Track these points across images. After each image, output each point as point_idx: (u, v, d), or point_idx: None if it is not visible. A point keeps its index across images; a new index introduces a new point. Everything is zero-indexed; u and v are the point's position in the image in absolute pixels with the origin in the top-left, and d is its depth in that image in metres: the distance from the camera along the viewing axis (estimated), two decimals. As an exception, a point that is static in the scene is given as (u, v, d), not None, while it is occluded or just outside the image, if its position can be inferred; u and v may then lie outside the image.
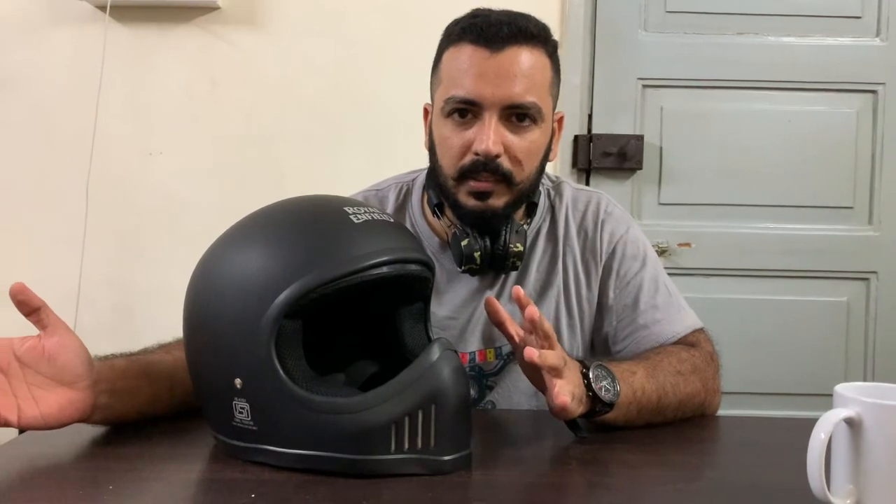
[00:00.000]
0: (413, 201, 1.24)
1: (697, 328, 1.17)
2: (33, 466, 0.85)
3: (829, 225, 2.11)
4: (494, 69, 1.05)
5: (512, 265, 1.14)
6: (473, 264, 1.12)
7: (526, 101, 1.06)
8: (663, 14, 2.11)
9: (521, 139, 1.07)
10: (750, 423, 1.15)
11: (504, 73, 1.05)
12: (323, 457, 0.79)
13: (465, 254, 1.11)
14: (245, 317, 0.79)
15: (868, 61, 2.10)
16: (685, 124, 2.11)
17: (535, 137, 1.09)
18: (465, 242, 1.11)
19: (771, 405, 2.08)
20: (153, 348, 1.04)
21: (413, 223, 1.22)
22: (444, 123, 1.09)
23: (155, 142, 2.06)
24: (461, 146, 1.08)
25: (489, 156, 1.05)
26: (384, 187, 1.27)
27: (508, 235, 1.12)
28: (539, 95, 1.07)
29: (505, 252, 1.12)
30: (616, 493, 0.81)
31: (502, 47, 1.05)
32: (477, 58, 1.05)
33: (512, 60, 1.05)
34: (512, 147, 1.07)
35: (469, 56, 1.06)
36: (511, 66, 1.05)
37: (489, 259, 1.12)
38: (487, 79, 1.05)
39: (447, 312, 1.18)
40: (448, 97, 1.07)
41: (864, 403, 0.68)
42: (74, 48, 2.05)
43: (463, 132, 1.07)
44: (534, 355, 0.84)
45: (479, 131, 1.06)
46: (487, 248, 1.11)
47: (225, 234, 0.89)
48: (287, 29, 2.06)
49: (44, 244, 2.07)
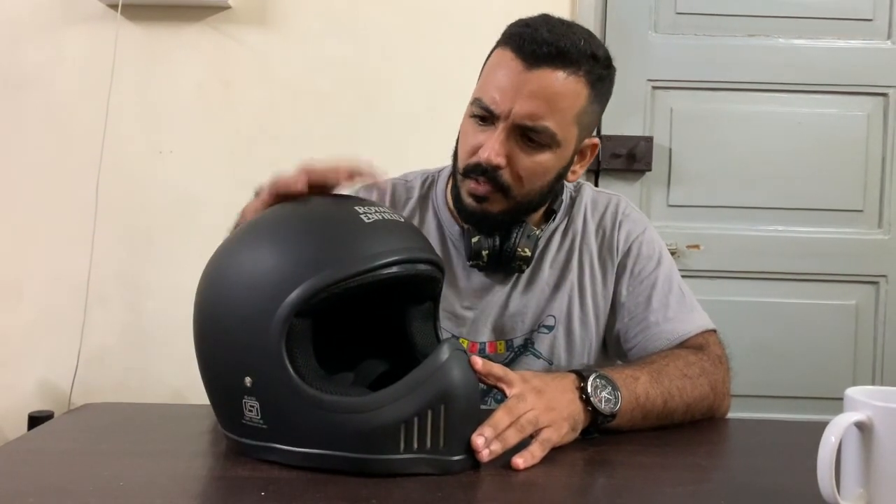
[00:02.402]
0: (437, 190, 1.26)
1: (709, 329, 1.18)
2: (43, 462, 0.86)
3: (838, 228, 2.11)
4: (520, 85, 1.05)
5: (518, 268, 1.17)
6: (480, 261, 1.15)
7: (538, 125, 1.06)
8: (673, 15, 2.11)
9: (527, 157, 1.08)
10: (759, 426, 1.15)
11: (528, 91, 1.05)
12: (332, 456, 0.79)
13: (474, 250, 1.14)
14: (255, 315, 0.80)
15: (879, 64, 2.09)
16: (695, 126, 2.10)
17: (543, 160, 1.09)
18: (476, 239, 1.14)
19: (779, 408, 2.07)
20: None
21: (436, 210, 1.25)
22: (468, 120, 1.12)
23: (166, 140, 2.07)
24: (473, 147, 1.10)
25: (489, 165, 1.07)
26: (412, 178, 1.30)
27: (518, 239, 1.14)
28: (558, 122, 1.07)
29: (512, 254, 1.14)
30: (624, 494, 0.81)
31: (536, 65, 1.04)
32: (511, 69, 1.06)
33: (540, 81, 1.05)
34: (516, 163, 1.08)
35: (506, 64, 1.07)
36: (536, 87, 1.05)
37: (496, 259, 1.15)
38: (510, 93, 1.05)
39: (464, 302, 1.20)
40: (475, 98, 1.10)
41: (875, 407, 0.68)
42: (86, 47, 2.06)
43: (478, 134, 1.09)
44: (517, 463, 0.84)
45: (487, 138, 1.07)
46: (496, 248, 1.14)
47: (236, 232, 0.90)
48: (298, 28, 2.06)
49: (54, 241, 2.08)
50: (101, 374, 2.05)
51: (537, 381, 0.92)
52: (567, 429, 0.90)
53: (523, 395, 0.88)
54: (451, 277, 1.20)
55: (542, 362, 1.20)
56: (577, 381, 0.94)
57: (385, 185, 1.26)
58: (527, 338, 1.21)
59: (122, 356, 2.08)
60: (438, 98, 2.01)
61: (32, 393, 2.07)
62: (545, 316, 1.20)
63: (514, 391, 0.89)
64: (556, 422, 0.89)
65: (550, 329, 1.20)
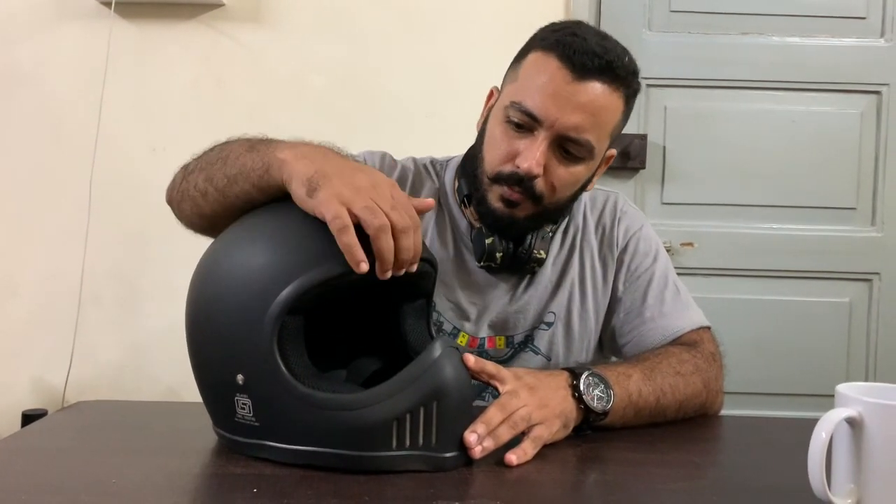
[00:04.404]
0: (447, 182, 1.24)
1: (703, 326, 1.18)
2: (35, 460, 0.85)
3: (832, 225, 2.11)
4: (568, 95, 1.03)
5: (530, 269, 1.17)
6: (493, 263, 1.13)
7: (582, 137, 1.05)
8: (667, 13, 2.11)
9: (563, 169, 1.07)
10: (751, 423, 1.15)
11: (576, 103, 1.03)
12: (324, 453, 0.79)
13: (488, 251, 1.12)
14: (248, 313, 0.79)
15: (872, 62, 2.10)
16: (689, 124, 2.11)
17: (577, 171, 1.09)
18: (491, 241, 1.12)
19: (772, 405, 2.08)
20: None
21: (447, 202, 1.22)
22: (501, 124, 1.09)
23: (159, 138, 2.06)
24: (507, 153, 1.07)
25: (529, 175, 1.05)
26: (420, 163, 1.26)
27: (534, 240, 1.13)
28: (597, 136, 1.07)
29: (528, 256, 1.13)
30: (617, 491, 0.81)
31: (586, 77, 1.03)
32: (559, 77, 1.04)
33: (588, 94, 1.04)
34: (552, 173, 1.07)
35: (552, 71, 1.04)
36: (585, 99, 1.03)
37: (510, 261, 1.14)
38: (558, 102, 1.03)
39: (468, 297, 1.19)
40: (515, 101, 1.06)
41: (865, 403, 0.68)
42: (79, 44, 2.05)
43: (513, 141, 1.07)
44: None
45: (527, 147, 1.05)
46: (510, 250, 1.13)
47: (228, 230, 0.90)
48: (292, 26, 2.06)
49: (47, 240, 2.07)
50: (94, 372, 2.05)
51: (530, 378, 0.92)
52: (559, 426, 0.90)
53: (516, 391, 0.89)
54: (460, 271, 1.19)
55: (541, 358, 1.20)
56: (570, 379, 0.94)
57: (408, 162, 1.25)
58: (527, 334, 1.21)
59: (115, 354, 2.08)
60: (433, 96, 2.01)
61: (26, 391, 2.07)
62: (546, 313, 1.20)
63: (507, 388, 0.89)
64: (547, 419, 0.89)
65: (550, 325, 1.20)
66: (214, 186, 0.93)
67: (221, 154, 0.94)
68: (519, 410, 0.87)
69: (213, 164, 0.94)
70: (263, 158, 0.87)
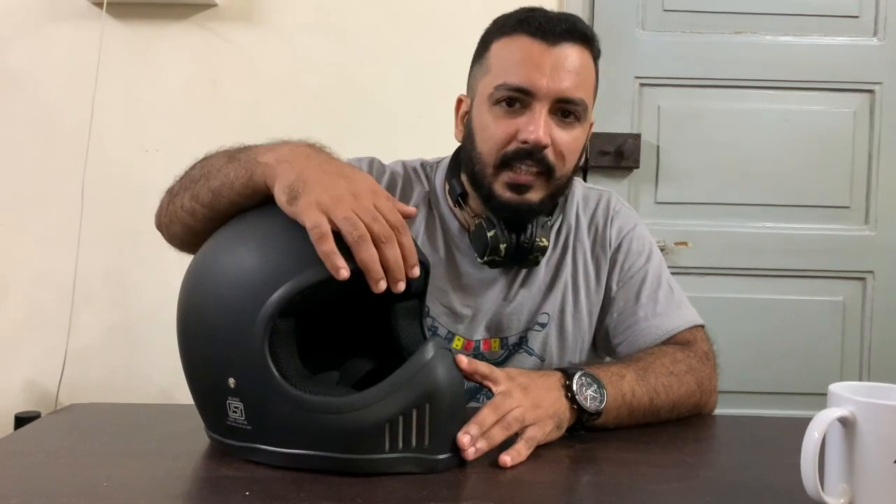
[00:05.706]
0: (437, 184, 1.23)
1: (697, 325, 1.18)
2: (27, 463, 0.85)
3: (825, 224, 2.11)
4: (551, 62, 1.06)
5: (534, 259, 1.15)
6: (497, 256, 1.12)
7: (576, 96, 1.07)
8: (661, 13, 2.11)
9: (566, 134, 1.08)
10: (745, 422, 1.15)
11: (559, 66, 1.06)
12: (317, 456, 0.79)
13: (491, 245, 1.10)
14: (239, 316, 0.79)
15: (865, 61, 2.10)
16: (682, 123, 2.11)
17: (577, 134, 1.10)
18: (493, 234, 1.10)
19: (766, 404, 2.08)
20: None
21: (438, 205, 1.22)
22: (490, 111, 1.09)
23: (151, 139, 2.06)
24: (506, 134, 1.07)
25: (539, 145, 1.05)
26: (409, 167, 1.26)
27: (535, 229, 1.12)
28: (586, 94, 1.09)
29: (531, 246, 1.12)
30: (611, 491, 0.81)
31: (558, 42, 1.06)
32: (534, 49, 1.06)
33: (567, 55, 1.07)
34: (557, 141, 1.07)
35: (526, 47, 1.07)
36: (566, 61, 1.06)
37: (513, 252, 1.12)
38: (543, 70, 1.05)
39: (462, 300, 1.19)
40: (499, 84, 1.07)
41: (858, 403, 0.68)
42: (71, 44, 2.04)
43: (510, 120, 1.07)
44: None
45: (528, 121, 1.06)
46: (513, 242, 1.11)
47: (219, 232, 0.89)
48: (285, 26, 2.05)
49: (40, 240, 2.07)
50: (87, 373, 2.04)
51: (523, 379, 0.92)
52: (552, 427, 0.90)
53: (509, 392, 0.88)
54: (452, 274, 1.19)
55: (535, 359, 1.20)
56: (563, 380, 0.94)
57: (397, 167, 1.25)
58: (521, 336, 1.21)
59: (108, 356, 2.07)
60: (425, 96, 2.01)
61: (19, 393, 2.06)
62: (539, 314, 1.20)
63: (500, 388, 0.89)
64: (541, 419, 0.89)
65: (543, 326, 1.20)
66: (201, 203, 0.93)
67: (203, 170, 0.95)
68: (512, 411, 0.87)
69: (197, 182, 0.94)
70: (245, 166, 0.88)
